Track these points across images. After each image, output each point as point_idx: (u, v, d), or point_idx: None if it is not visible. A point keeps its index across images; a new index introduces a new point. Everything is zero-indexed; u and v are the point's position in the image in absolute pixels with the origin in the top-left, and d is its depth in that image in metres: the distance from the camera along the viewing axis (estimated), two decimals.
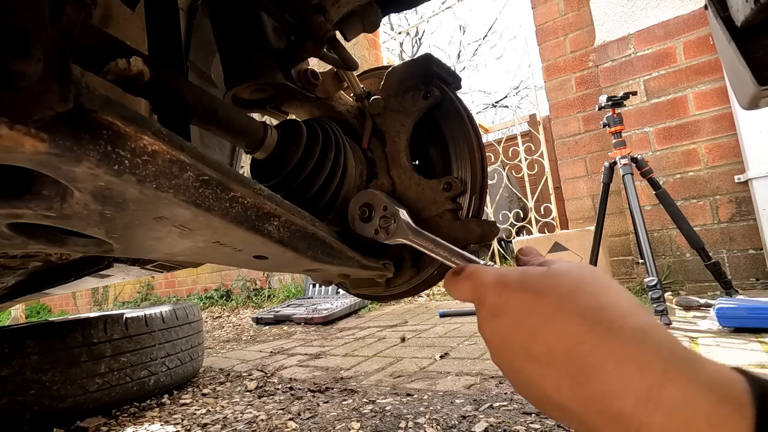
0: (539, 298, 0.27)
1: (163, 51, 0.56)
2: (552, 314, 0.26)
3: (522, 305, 0.28)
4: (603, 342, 0.24)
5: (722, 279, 1.95)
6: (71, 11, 0.24)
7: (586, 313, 0.25)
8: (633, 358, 0.23)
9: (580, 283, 0.27)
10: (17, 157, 0.23)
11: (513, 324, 0.28)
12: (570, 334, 0.25)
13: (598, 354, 0.24)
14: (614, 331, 0.24)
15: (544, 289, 0.28)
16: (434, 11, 4.43)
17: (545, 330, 0.26)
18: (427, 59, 0.65)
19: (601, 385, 0.23)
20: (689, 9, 2.59)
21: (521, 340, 0.27)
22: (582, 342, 0.24)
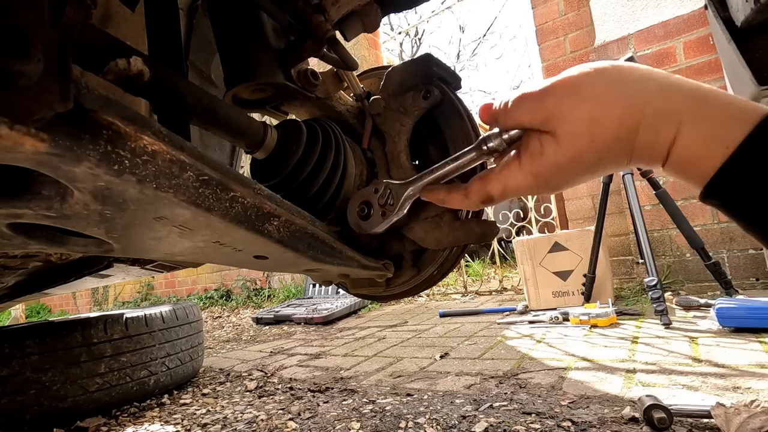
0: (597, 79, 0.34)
1: (163, 51, 0.56)
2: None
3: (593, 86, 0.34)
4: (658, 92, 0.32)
5: (722, 279, 1.95)
6: (71, 11, 0.24)
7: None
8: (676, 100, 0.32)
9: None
10: (17, 157, 0.23)
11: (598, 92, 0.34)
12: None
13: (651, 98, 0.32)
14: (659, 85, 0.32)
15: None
16: (434, 11, 4.43)
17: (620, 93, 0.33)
18: (427, 59, 0.65)
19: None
20: (689, 9, 2.59)
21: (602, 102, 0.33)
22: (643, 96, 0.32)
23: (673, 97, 0.31)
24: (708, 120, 0.30)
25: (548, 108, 0.35)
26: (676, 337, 1.53)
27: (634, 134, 0.32)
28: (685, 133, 0.30)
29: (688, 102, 0.31)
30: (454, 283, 4.05)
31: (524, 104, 0.36)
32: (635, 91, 0.32)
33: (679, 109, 0.31)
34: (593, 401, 1.04)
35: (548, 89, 0.35)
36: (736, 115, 0.29)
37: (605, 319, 1.84)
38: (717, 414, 0.81)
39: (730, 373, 1.11)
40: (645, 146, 0.33)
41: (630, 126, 0.32)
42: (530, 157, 0.37)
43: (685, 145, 0.31)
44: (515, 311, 2.43)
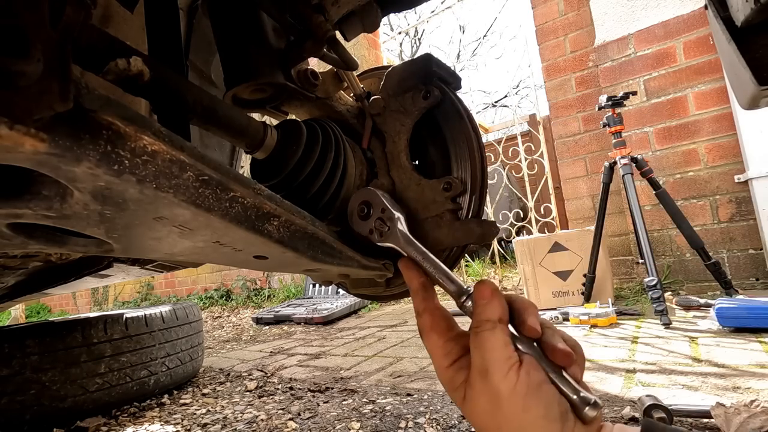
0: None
1: (163, 51, 0.56)
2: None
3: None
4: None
5: (722, 279, 1.95)
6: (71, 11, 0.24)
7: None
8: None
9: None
10: (17, 157, 0.23)
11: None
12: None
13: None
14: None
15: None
16: (434, 11, 4.43)
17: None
18: (427, 59, 0.65)
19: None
20: (689, 9, 2.59)
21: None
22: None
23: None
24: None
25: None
26: (676, 337, 1.53)
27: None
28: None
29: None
30: None
31: (500, 351, 0.35)
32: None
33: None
34: None
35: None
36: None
37: (605, 319, 1.84)
38: (717, 414, 0.81)
39: (730, 373, 1.11)
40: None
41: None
42: (469, 386, 0.37)
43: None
44: None
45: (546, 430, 0.32)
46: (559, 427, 0.32)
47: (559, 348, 0.34)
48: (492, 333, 0.35)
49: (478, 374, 0.35)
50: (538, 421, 0.32)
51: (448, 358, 0.39)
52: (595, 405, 0.32)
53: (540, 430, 0.32)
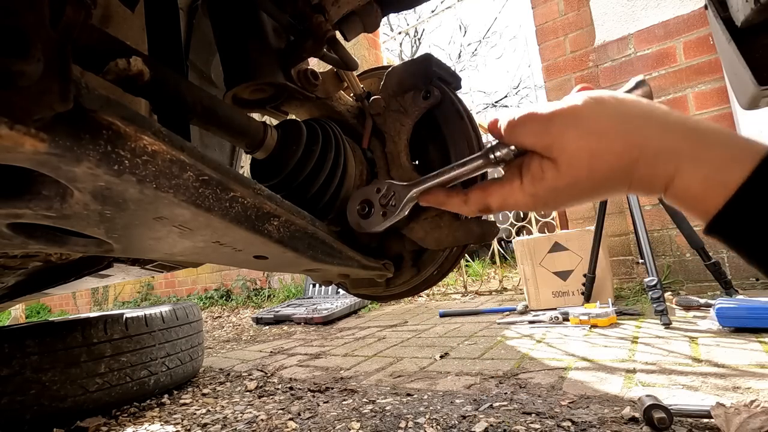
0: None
1: (163, 51, 0.56)
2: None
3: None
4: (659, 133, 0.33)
5: (722, 279, 1.95)
6: (71, 11, 0.24)
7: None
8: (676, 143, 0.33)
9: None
10: (17, 157, 0.23)
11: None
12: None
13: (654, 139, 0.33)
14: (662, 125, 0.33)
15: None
16: (434, 11, 4.43)
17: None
18: (427, 59, 0.65)
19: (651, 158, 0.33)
20: (689, 9, 2.59)
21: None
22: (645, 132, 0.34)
23: (673, 136, 0.32)
24: (707, 160, 0.31)
25: (552, 136, 0.36)
26: (676, 337, 1.53)
27: (633, 169, 0.34)
28: (685, 172, 0.32)
29: (688, 141, 0.32)
30: (454, 283, 4.05)
31: (529, 126, 0.37)
32: (636, 128, 0.33)
33: (679, 147, 0.32)
34: (593, 401, 1.04)
35: (553, 116, 0.36)
36: (735, 156, 0.30)
37: (605, 319, 1.84)
38: (717, 414, 0.81)
39: (730, 373, 1.11)
40: (643, 180, 0.34)
41: (629, 161, 0.34)
42: (531, 178, 0.38)
43: (684, 183, 0.32)
44: (515, 311, 2.43)
45: (614, 180, 0.34)
46: (623, 175, 0.34)
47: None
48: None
49: (544, 156, 0.37)
50: (606, 176, 0.34)
51: (512, 180, 0.40)
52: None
53: (609, 183, 0.35)
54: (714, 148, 0.31)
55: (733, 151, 0.30)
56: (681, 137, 0.32)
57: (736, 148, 0.31)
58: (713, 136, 0.32)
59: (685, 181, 0.32)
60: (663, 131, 0.33)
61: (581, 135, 0.34)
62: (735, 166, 0.30)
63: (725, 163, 0.30)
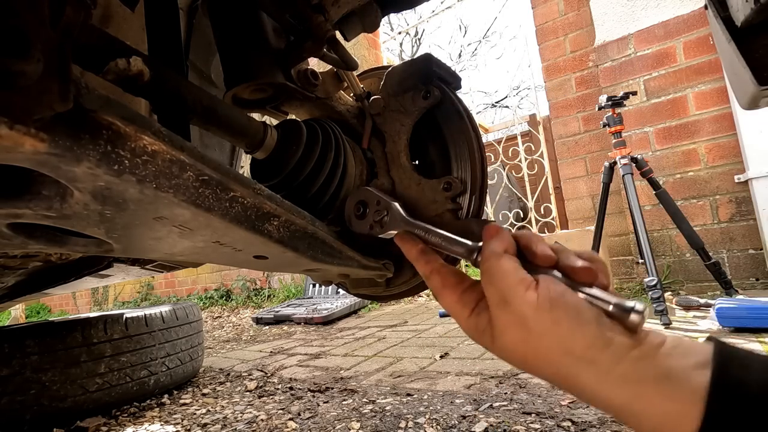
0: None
1: (163, 51, 0.56)
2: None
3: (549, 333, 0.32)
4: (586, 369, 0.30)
5: (722, 279, 1.95)
6: (71, 11, 0.24)
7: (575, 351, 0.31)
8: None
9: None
10: (17, 157, 0.23)
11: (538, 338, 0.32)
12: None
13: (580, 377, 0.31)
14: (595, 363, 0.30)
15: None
16: (434, 11, 4.43)
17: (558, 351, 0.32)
18: (427, 59, 0.65)
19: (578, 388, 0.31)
20: (689, 9, 2.59)
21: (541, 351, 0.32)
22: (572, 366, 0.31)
23: (608, 389, 0.29)
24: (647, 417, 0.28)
25: (502, 313, 0.34)
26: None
27: (561, 383, 0.32)
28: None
29: (623, 397, 0.29)
30: None
31: (494, 283, 0.35)
32: (571, 364, 0.31)
33: (613, 403, 0.29)
34: None
35: (511, 298, 0.33)
36: (680, 412, 0.26)
37: None
38: None
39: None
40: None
41: (558, 381, 0.33)
42: (476, 319, 0.37)
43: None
44: None
45: (583, 335, 0.30)
46: (594, 329, 0.30)
47: (578, 267, 0.33)
48: (499, 261, 0.35)
49: (498, 307, 0.34)
50: (571, 328, 0.30)
51: (467, 307, 0.39)
52: (636, 310, 0.29)
53: (577, 337, 0.30)
54: (655, 403, 0.27)
55: (675, 407, 0.26)
56: (623, 392, 0.28)
57: (679, 399, 0.26)
58: (653, 388, 0.27)
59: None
60: (603, 383, 0.29)
61: (521, 339, 0.33)
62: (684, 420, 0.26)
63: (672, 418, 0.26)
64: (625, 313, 0.30)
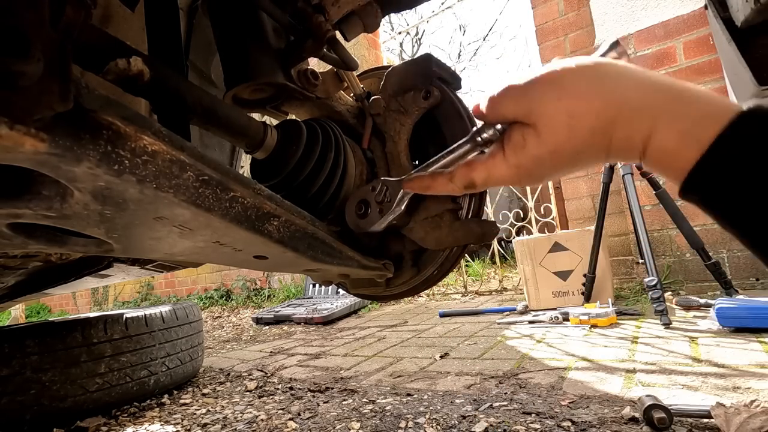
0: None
1: (163, 51, 0.56)
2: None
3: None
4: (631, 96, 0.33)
5: (722, 279, 1.95)
6: (71, 11, 0.24)
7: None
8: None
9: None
10: (17, 157, 0.23)
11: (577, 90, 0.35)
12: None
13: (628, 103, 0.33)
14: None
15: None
16: (434, 11, 4.43)
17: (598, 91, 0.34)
18: (427, 59, 0.65)
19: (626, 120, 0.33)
20: (689, 9, 2.59)
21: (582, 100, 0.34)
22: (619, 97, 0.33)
23: (650, 93, 0.32)
24: (683, 116, 0.31)
25: (530, 101, 0.36)
26: (676, 337, 1.53)
27: (611, 128, 0.34)
28: (661, 129, 0.31)
29: (664, 98, 0.32)
30: (454, 283, 4.05)
31: (508, 96, 0.38)
32: (613, 87, 0.33)
33: (655, 104, 0.32)
34: (593, 401, 1.04)
35: (531, 83, 0.36)
36: (711, 112, 0.30)
37: (605, 319, 1.84)
38: (717, 414, 0.81)
39: (730, 373, 1.11)
40: (622, 140, 0.34)
41: (606, 120, 0.33)
42: (513, 149, 0.38)
43: (660, 141, 0.31)
44: (515, 311, 2.43)
45: (594, 143, 0.34)
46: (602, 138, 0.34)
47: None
48: (491, 91, 0.39)
49: (525, 125, 0.36)
50: (587, 138, 0.34)
51: (496, 154, 0.40)
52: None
53: (590, 146, 0.34)
54: (690, 104, 0.31)
55: (710, 107, 0.30)
56: (657, 94, 0.32)
57: (713, 105, 0.30)
58: (690, 93, 0.31)
59: (661, 138, 0.31)
60: (640, 89, 0.32)
61: (559, 97, 0.34)
62: (711, 120, 0.29)
63: (701, 118, 0.30)
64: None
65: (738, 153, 0.28)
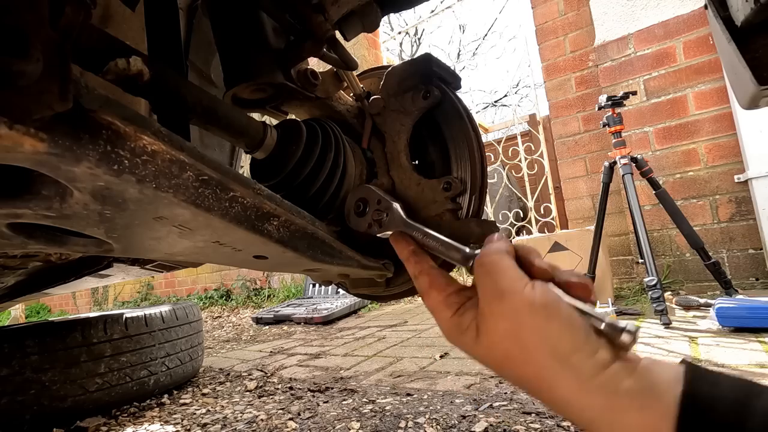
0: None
1: (163, 51, 0.56)
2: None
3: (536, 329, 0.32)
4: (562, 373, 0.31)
5: (722, 279, 1.95)
6: (71, 11, 0.24)
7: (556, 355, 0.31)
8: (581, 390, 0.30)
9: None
10: (17, 157, 0.23)
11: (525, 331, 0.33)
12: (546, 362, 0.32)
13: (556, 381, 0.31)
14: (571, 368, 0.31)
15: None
16: (433, 11, 4.43)
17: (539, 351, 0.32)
18: (427, 59, 0.65)
19: (553, 396, 0.32)
20: (689, 9, 2.59)
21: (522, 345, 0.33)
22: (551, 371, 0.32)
23: (591, 397, 0.30)
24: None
25: (494, 307, 0.34)
26: (675, 337, 1.53)
27: (538, 392, 0.33)
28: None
29: (605, 409, 0.29)
30: None
31: (488, 279, 0.35)
32: (558, 370, 0.31)
33: (593, 413, 0.29)
34: None
35: (507, 294, 0.34)
36: (653, 425, 0.27)
37: None
38: None
39: (729, 372, 1.11)
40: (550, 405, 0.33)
41: (535, 387, 0.33)
42: (459, 318, 0.38)
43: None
44: None
45: (572, 339, 0.30)
46: (583, 335, 0.31)
47: (573, 281, 0.34)
48: (501, 258, 0.35)
49: (492, 299, 0.34)
50: (562, 330, 0.31)
51: (450, 308, 0.39)
52: (629, 330, 0.30)
53: (566, 339, 0.31)
54: (630, 414, 0.28)
55: (648, 419, 0.27)
56: (600, 401, 0.29)
57: (652, 412, 0.27)
58: (629, 400, 0.28)
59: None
60: (582, 390, 0.30)
61: (510, 333, 0.33)
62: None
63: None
64: (616, 332, 0.30)
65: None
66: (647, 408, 0.27)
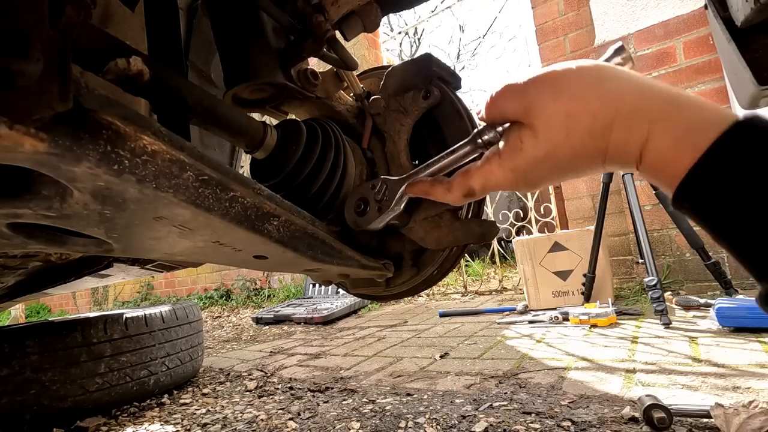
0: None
1: (163, 51, 0.56)
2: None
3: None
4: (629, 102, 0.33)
5: (722, 279, 1.95)
6: (71, 11, 0.24)
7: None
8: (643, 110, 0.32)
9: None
10: (17, 157, 0.23)
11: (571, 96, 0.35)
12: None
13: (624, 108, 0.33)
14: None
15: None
16: (433, 11, 4.43)
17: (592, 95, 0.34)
18: (427, 59, 0.65)
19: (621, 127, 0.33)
20: (689, 9, 2.59)
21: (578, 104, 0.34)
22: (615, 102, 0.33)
23: (647, 97, 0.32)
24: (679, 122, 0.30)
25: (529, 100, 0.35)
26: (675, 337, 1.53)
27: (608, 132, 0.33)
28: (657, 133, 0.31)
29: (662, 103, 0.31)
30: (454, 283, 4.05)
31: (507, 95, 0.37)
32: (611, 89, 0.33)
33: (652, 108, 0.31)
34: (593, 401, 1.04)
35: (531, 82, 0.36)
36: (708, 119, 0.29)
37: (605, 318, 1.84)
38: (716, 414, 0.81)
39: (729, 373, 1.11)
40: (618, 145, 0.33)
41: (604, 122, 0.33)
42: (510, 152, 0.38)
43: (656, 147, 0.31)
44: (515, 311, 2.43)
45: (591, 145, 0.34)
46: (600, 140, 0.34)
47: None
48: (502, 85, 0.38)
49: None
50: (584, 139, 0.34)
51: (492, 161, 0.40)
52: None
53: (587, 148, 0.34)
54: (687, 111, 0.30)
55: (707, 115, 0.30)
56: (655, 99, 0.32)
57: (710, 112, 0.30)
58: (687, 100, 0.31)
59: (656, 144, 0.31)
60: (637, 93, 0.32)
61: (558, 96, 0.34)
62: (706, 128, 0.29)
63: (697, 125, 0.29)
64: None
65: (731, 162, 0.28)
66: (706, 109, 0.30)
